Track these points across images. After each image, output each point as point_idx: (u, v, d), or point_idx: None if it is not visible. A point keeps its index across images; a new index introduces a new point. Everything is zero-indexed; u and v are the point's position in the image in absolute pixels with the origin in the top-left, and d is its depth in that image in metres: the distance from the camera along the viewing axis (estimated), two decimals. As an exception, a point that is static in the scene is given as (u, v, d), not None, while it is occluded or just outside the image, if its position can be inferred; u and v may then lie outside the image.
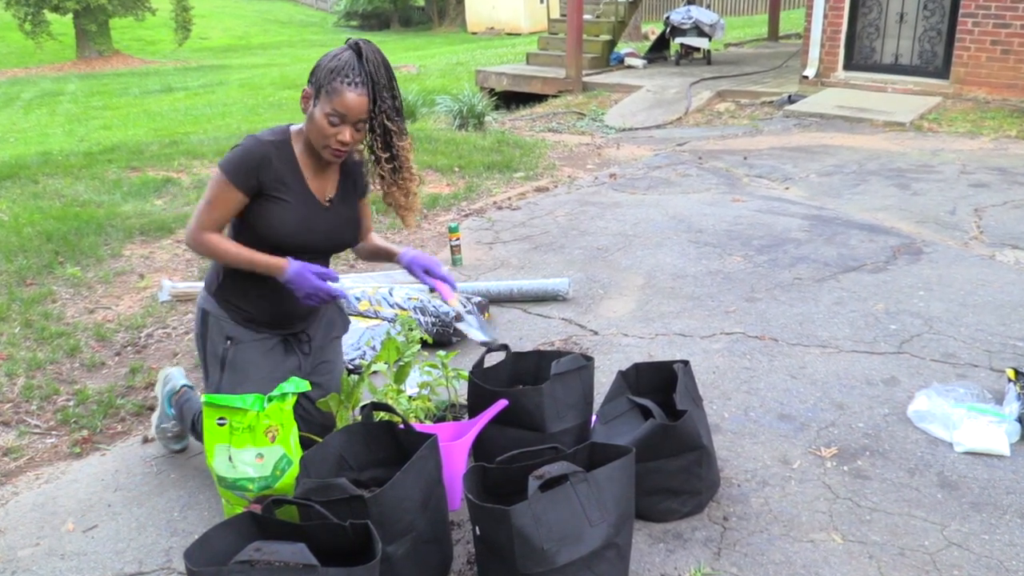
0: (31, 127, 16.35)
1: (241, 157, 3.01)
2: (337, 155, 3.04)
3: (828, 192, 7.33)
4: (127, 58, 30.51)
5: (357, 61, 2.93)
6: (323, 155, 3.05)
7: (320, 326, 3.45)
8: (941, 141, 9.12)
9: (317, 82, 2.96)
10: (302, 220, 3.12)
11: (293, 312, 3.30)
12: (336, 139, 2.99)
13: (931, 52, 11.07)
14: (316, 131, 3.00)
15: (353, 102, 2.92)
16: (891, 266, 5.48)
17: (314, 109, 2.99)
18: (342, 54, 2.95)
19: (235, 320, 3.25)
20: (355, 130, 2.99)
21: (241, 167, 3.00)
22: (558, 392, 3.21)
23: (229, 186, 3.00)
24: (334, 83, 2.91)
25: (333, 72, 2.92)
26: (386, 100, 2.98)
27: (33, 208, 7.08)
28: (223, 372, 3.23)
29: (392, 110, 3.02)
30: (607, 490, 2.63)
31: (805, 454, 3.49)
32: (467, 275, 5.62)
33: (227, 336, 3.23)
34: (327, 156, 3.05)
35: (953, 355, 4.28)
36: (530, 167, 8.67)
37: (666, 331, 4.70)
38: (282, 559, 2.25)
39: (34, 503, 3.39)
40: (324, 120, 2.95)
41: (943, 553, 2.89)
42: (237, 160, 3.01)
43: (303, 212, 3.12)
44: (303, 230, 3.13)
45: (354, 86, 2.91)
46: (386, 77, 2.97)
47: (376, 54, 2.96)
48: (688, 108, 11.51)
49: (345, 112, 2.93)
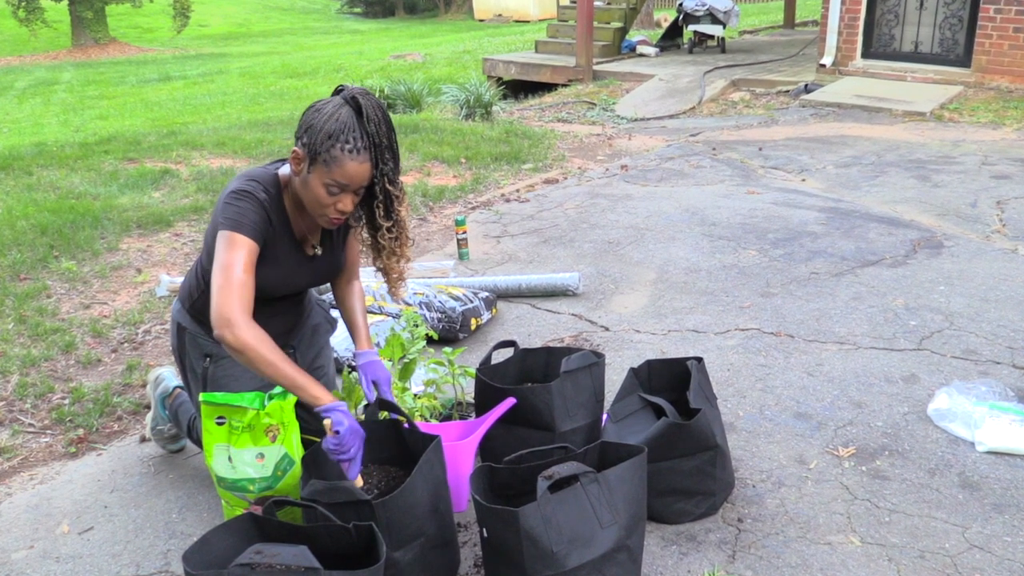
0: (25, 117, 16.38)
1: (249, 215, 2.79)
2: (334, 223, 2.87)
3: (846, 184, 7.31)
4: (124, 46, 30.56)
5: (357, 122, 2.70)
6: (319, 222, 2.89)
7: (305, 334, 3.36)
8: (962, 131, 9.09)
9: (312, 146, 2.71)
10: (286, 275, 3.02)
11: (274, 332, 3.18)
12: (335, 208, 2.80)
13: (952, 40, 11.03)
14: (312, 199, 2.79)
15: (355, 171, 2.72)
16: (911, 260, 5.47)
17: (309, 176, 2.76)
18: (339, 112, 2.70)
19: (210, 339, 3.12)
20: (356, 196, 2.82)
21: (256, 224, 2.80)
22: (568, 390, 3.20)
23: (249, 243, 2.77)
24: (333, 150, 2.68)
25: (332, 137, 2.68)
26: (388, 163, 2.78)
27: (27, 200, 7.09)
28: (205, 390, 3.15)
29: (394, 173, 2.82)
30: (618, 491, 2.62)
31: (822, 454, 3.48)
32: (474, 269, 5.62)
33: (206, 353, 3.13)
34: (323, 223, 2.88)
35: (974, 352, 4.27)
36: (539, 158, 8.66)
37: (679, 327, 4.69)
38: (283, 562, 2.25)
39: (28, 504, 3.40)
40: (322, 189, 2.75)
41: (964, 556, 2.88)
42: (247, 218, 2.78)
43: (288, 267, 3.01)
44: (282, 285, 3.04)
45: (356, 153, 2.69)
46: (387, 136, 2.75)
47: (377, 110, 2.73)
48: (702, 98, 11.49)
49: (347, 182, 2.73)
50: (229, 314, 2.65)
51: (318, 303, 3.50)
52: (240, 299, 2.68)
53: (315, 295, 3.48)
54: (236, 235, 2.75)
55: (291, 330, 3.29)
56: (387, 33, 32.24)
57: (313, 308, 3.43)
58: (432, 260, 5.81)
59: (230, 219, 2.77)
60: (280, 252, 2.95)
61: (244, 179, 2.88)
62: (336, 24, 36.85)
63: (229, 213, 2.78)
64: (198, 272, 3.12)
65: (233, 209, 2.78)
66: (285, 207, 2.93)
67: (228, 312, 2.65)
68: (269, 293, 2.99)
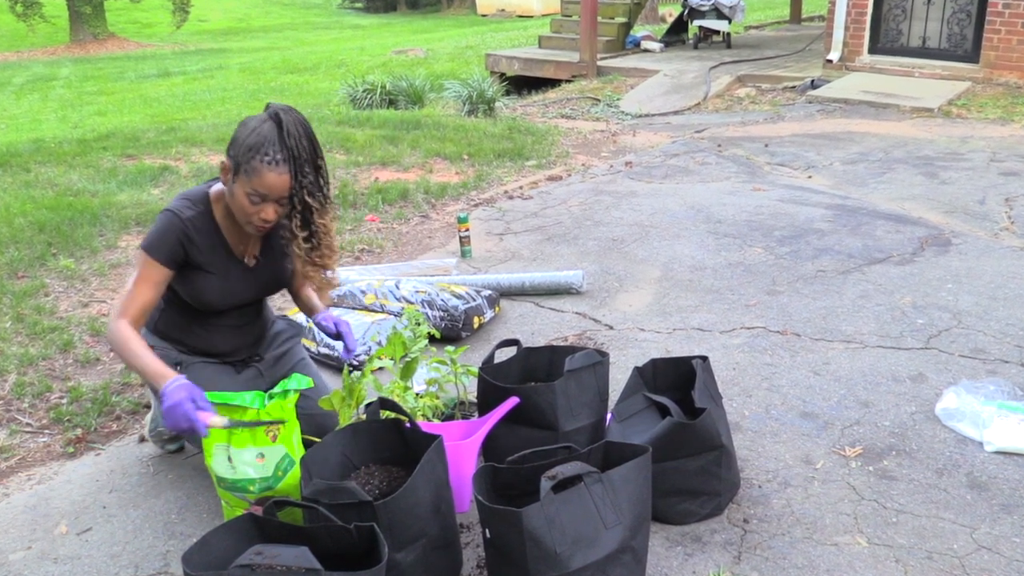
0: (23, 113, 16.39)
1: (162, 235, 3.02)
2: (260, 231, 3.04)
3: (853, 181, 7.31)
4: (123, 41, 30.57)
5: (277, 135, 2.87)
6: (246, 229, 3.05)
7: (267, 342, 3.52)
8: (970, 128, 9.08)
9: (236, 158, 2.91)
10: (225, 288, 3.18)
11: (239, 345, 3.39)
12: (259, 217, 2.96)
13: (960, 35, 11.02)
14: (238, 208, 2.97)
15: (273, 182, 2.88)
16: (918, 258, 5.46)
17: (234, 185, 2.95)
18: (261, 127, 2.88)
19: (179, 350, 3.31)
20: (279, 206, 2.97)
21: (164, 245, 3.02)
22: (571, 389, 3.20)
23: (154, 264, 3.02)
24: (253, 161, 2.86)
25: (252, 149, 2.86)
26: (308, 175, 2.93)
27: (25, 198, 7.08)
28: None
29: (314, 185, 2.96)
30: (623, 491, 2.62)
31: (829, 454, 3.48)
32: (477, 267, 5.62)
33: (176, 362, 3.24)
34: (251, 231, 3.05)
35: (983, 350, 4.27)
36: (542, 155, 8.67)
37: (684, 325, 4.69)
38: (284, 563, 2.25)
39: (26, 505, 3.40)
40: (245, 199, 2.92)
41: (972, 557, 2.88)
42: (158, 239, 3.02)
43: (226, 280, 3.17)
44: (226, 296, 3.21)
45: (275, 164, 2.86)
46: (308, 150, 2.92)
47: (297, 125, 2.90)
48: (707, 93, 11.48)
49: (266, 192, 2.90)
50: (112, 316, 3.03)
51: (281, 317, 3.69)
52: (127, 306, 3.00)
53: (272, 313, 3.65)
54: (146, 256, 3.02)
55: (256, 342, 3.47)
56: (389, 28, 32.23)
57: (275, 320, 3.61)
58: (434, 258, 5.81)
59: (147, 239, 3.04)
60: (216, 264, 3.14)
61: (177, 198, 3.14)
62: (337, 19, 36.84)
63: (149, 232, 3.06)
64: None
65: (152, 229, 3.06)
66: (216, 221, 3.13)
67: (112, 316, 3.03)
68: (216, 305, 3.21)
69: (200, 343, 3.30)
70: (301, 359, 3.55)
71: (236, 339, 3.35)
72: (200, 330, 3.28)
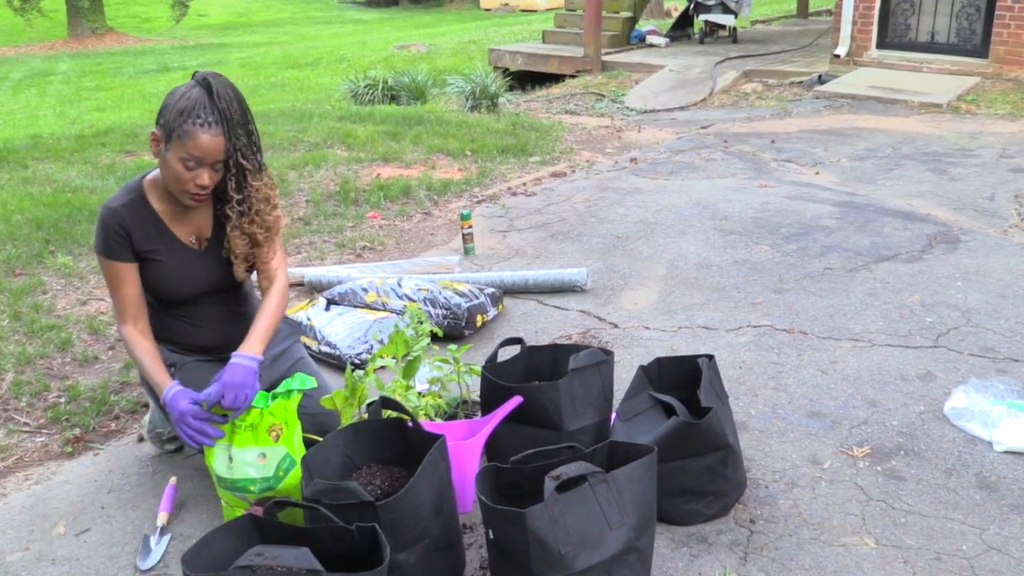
0: (20, 109, 16.41)
1: (104, 232, 3.07)
2: (197, 199, 3.04)
3: (860, 177, 7.30)
4: (121, 36, 30.58)
5: (208, 99, 2.90)
6: (182, 200, 3.05)
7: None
8: (980, 123, 9.08)
9: (167, 125, 2.91)
10: (177, 274, 3.19)
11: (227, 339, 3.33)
12: (194, 183, 2.96)
13: (969, 29, 11.01)
14: (172, 177, 2.98)
15: (208, 143, 2.90)
16: (927, 255, 5.46)
17: (167, 154, 2.94)
18: (191, 92, 2.91)
19: (172, 350, 3.32)
20: (213, 171, 2.99)
21: (109, 242, 3.07)
22: (576, 388, 3.20)
23: (112, 263, 3.09)
24: (185, 125, 2.87)
25: (183, 113, 2.87)
26: (240, 138, 2.96)
27: (22, 194, 7.09)
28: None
29: (247, 147, 3.00)
30: (628, 491, 2.62)
31: (836, 453, 3.48)
32: (480, 265, 5.62)
33: (170, 364, 3.25)
34: (187, 201, 3.05)
35: (992, 349, 4.26)
36: (546, 151, 8.66)
37: (690, 324, 4.69)
38: (284, 564, 2.25)
39: (23, 505, 3.40)
40: (179, 165, 2.93)
41: (982, 558, 2.88)
42: (102, 237, 3.07)
43: (177, 265, 3.18)
44: (182, 282, 3.21)
45: (207, 126, 2.88)
46: (239, 112, 2.95)
47: (227, 88, 2.94)
48: (713, 89, 11.48)
49: (201, 155, 2.91)
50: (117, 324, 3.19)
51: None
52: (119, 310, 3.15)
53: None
54: (101, 258, 3.11)
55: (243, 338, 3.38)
56: (391, 23, 32.24)
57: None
58: (437, 255, 5.81)
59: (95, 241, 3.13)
60: (162, 250, 3.16)
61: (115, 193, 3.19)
62: (338, 14, 36.84)
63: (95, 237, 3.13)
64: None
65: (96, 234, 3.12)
66: (153, 207, 3.14)
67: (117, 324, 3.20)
68: (177, 293, 3.22)
69: (187, 339, 3.32)
70: (300, 358, 3.55)
71: (223, 334, 3.33)
72: (184, 326, 3.29)
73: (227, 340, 3.33)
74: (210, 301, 3.30)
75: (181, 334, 3.30)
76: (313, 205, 6.85)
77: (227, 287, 3.33)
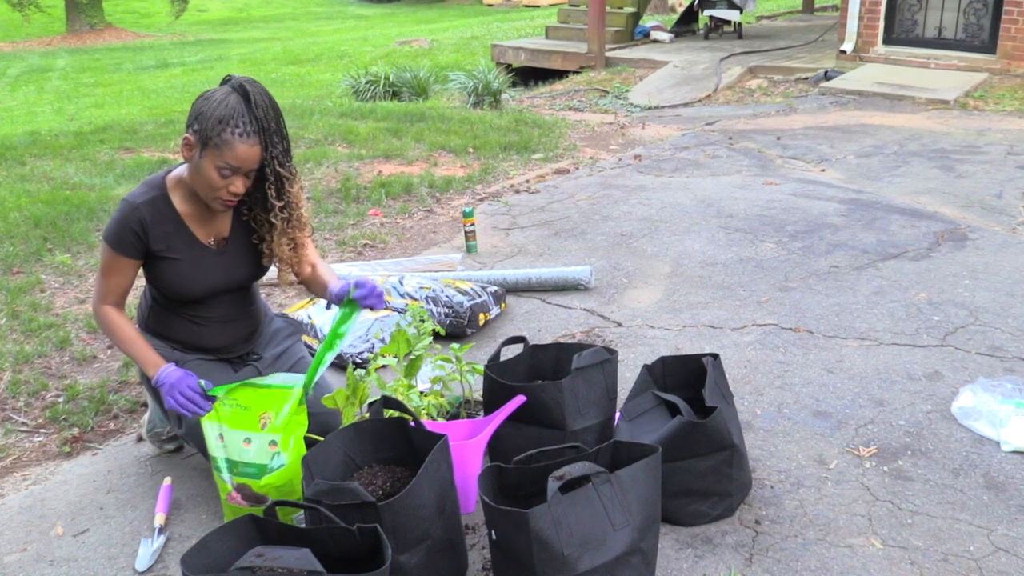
0: (18, 105, 16.40)
1: (119, 226, 3.06)
2: (228, 204, 3.06)
3: (867, 174, 7.30)
4: (120, 32, 30.55)
5: (246, 107, 2.91)
6: (212, 205, 3.06)
7: (265, 339, 3.54)
8: (987, 120, 9.07)
9: (203, 132, 2.91)
10: (194, 273, 3.19)
11: (231, 340, 3.40)
12: (227, 191, 2.99)
13: (977, 25, 11.00)
14: (205, 183, 2.99)
15: (246, 153, 2.92)
16: (934, 253, 5.45)
17: (200, 160, 2.95)
18: (228, 99, 2.91)
19: (173, 348, 3.33)
20: (247, 179, 3.01)
21: (123, 236, 3.06)
22: (579, 387, 3.20)
23: (116, 256, 3.09)
24: (224, 134, 2.88)
25: (222, 122, 2.88)
26: (277, 146, 2.98)
27: (20, 191, 7.10)
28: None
29: (283, 155, 3.02)
30: (632, 492, 2.62)
31: (842, 453, 3.47)
32: (482, 263, 5.61)
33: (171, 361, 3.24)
34: (216, 206, 3.06)
35: (1000, 348, 4.26)
36: (549, 148, 8.66)
37: (694, 322, 4.69)
38: (285, 565, 2.25)
39: (21, 506, 3.40)
40: (215, 173, 2.94)
41: (989, 559, 2.88)
42: (116, 230, 3.07)
43: (193, 265, 3.18)
44: (196, 282, 3.21)
45: (246, 136, 2.90)
46: (275, 119, 2.96)
47: (264, 96, 2.95)
48: (718, 85, 11.47)
49: (239, 165, 2.93)
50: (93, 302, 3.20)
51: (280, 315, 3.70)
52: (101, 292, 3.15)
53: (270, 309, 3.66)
54: (106, 247, 3.10)
55: (250, 337, 3.47)
56: (392, 18, 32.22)
57: (272, 316, 3.62)
58: (439, 253, 5.81)
59: (107, 229, 3.12)
60: (179, 249, 3.16)
61: (139, 185, 3.19)
62: (339, 9, 36.80)
63: (108, 222, 3.11)
64: (145, 292, 3.38)
65: (109, 222, 3.10)
66: (175, 207, 3.14)
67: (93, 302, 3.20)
68: (189, 292, 3.22)
69: (191, 338, 3.31)
70: (301, 357, 3.55)
71: (227, 334, 3.36)
72: (188, 325, 3.29)
73: (229, 343, 3.36)
74: (220, 300, 3.31)
75: (185, 332, 3.30)
76: (314, 202, 6.84)
77: (239, 286, 3.35)
